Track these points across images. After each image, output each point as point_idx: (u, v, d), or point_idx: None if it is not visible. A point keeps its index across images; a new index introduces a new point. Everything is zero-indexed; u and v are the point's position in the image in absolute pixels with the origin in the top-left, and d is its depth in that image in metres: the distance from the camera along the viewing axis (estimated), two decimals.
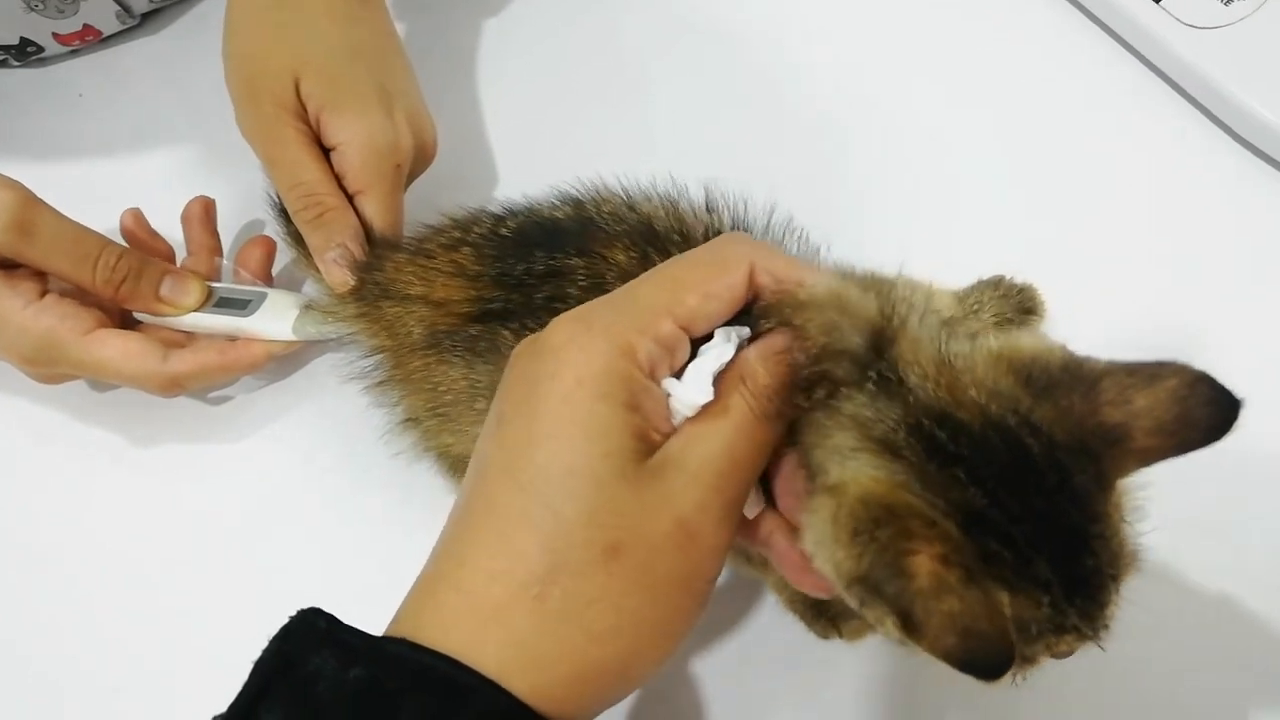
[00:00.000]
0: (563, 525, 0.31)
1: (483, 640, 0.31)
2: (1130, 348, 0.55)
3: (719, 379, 0.33)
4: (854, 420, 0.32)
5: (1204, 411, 0.30)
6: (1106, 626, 0.31)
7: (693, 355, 0.34)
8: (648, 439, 0.32)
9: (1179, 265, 0.60)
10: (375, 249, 0.55)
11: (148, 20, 0.75)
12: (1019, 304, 0.57)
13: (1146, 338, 0.57)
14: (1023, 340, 0.33)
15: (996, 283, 0.58)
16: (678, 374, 0.34)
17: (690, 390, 0.33)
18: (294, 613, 0.32)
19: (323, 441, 0.59)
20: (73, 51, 0.74)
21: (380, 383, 0.52)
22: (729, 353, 0.34)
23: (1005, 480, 0.30)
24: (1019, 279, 0.58)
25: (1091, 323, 0.57)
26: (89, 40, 0.73)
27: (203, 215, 0.62)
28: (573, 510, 0.31)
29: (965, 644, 0.28)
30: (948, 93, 0.68)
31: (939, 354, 0.33)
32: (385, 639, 0.32)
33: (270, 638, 0.32)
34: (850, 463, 0.31)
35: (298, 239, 0.58)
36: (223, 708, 0.31)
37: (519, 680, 0.30)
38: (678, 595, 0.32)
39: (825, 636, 0.50)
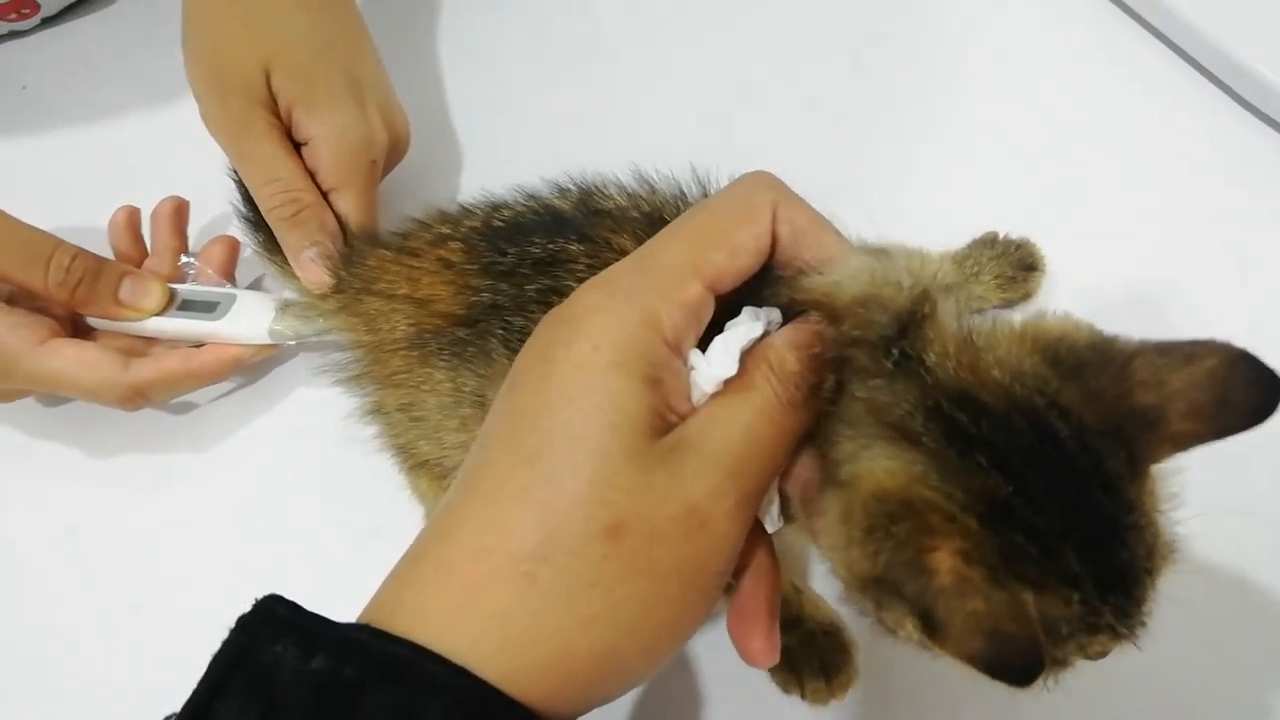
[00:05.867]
0: (562, 499, 0.28)
1: (460, 619, 0.28)
2: (1125, 299, 0.54)
3: (744, 360, 0.31)
4: (868, 405, 0.30)
5: (1244, 393, 0.28)
6: (1144, 624, 0.29)
7: (719, 332, 0.32)
8: (663, 416, 0.30)
9: (1167, 215, 0.59)
10: (354, 243, 0.53)
11: (92, 2, 0.71)
12: (1019, 260, 0.55)
13: (1141, 289, 0.56)
14: (1048, 318, 0.31)
15: (991, 241, 0.56)
16: (701, 347, 0.31)
17: (715, 364, 0.31)
18: (253, 601, 0.30)
19: (291, 448, 0.56)
20: (12, 34, 0.70)
21: (355, 376, 0.50)
22: (758, 330, 0.32)
23: (1031, 466, 0.28)
24: (1015, 235, 0.56)
25: (1091, 277, 0.56)
26: (26, 15, 0.69)
27: (173, 215, 0.59)
28: (574, 484, 0.28)
29: (993, 647, 0.26)
30: (933, 56, 0.67)
31: (960, 331, 0.30)
32: (350, 625, 0.29)
33: (229, 629, 0.29)
34: (864, 454, 0.29)
35: (269, 247, 0.55)
36: None
37: (494, 662, 0.28)
38: (681, 587, 0.29)
39: (785, 689, 0.47)
